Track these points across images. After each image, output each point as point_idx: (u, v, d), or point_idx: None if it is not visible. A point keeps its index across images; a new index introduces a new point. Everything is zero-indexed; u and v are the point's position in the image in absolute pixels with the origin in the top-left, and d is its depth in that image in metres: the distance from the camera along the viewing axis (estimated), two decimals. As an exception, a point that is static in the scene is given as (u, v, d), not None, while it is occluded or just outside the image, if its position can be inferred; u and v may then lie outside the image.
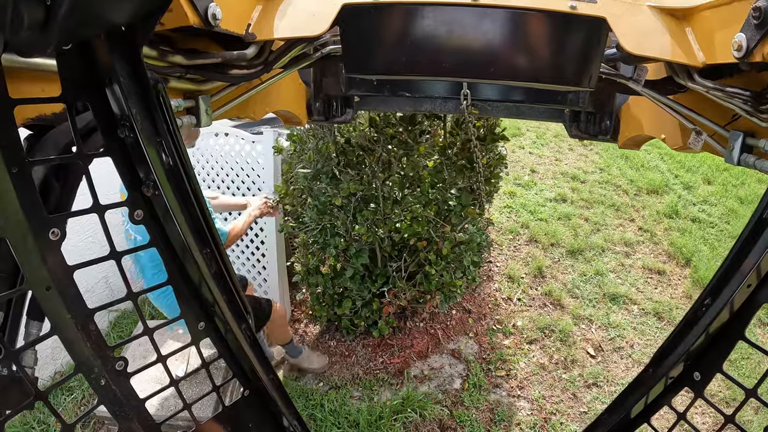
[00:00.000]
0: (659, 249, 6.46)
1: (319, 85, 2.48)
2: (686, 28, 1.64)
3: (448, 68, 2.02)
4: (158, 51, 1.47)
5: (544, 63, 1.95)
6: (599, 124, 2.43)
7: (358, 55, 2.02)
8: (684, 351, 1.50)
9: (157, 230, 1.41)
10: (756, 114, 1.57)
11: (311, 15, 1.71)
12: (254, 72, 1.77)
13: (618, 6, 1.71)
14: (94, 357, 1.32)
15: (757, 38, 1.28)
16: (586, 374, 4.37)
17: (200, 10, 1.36)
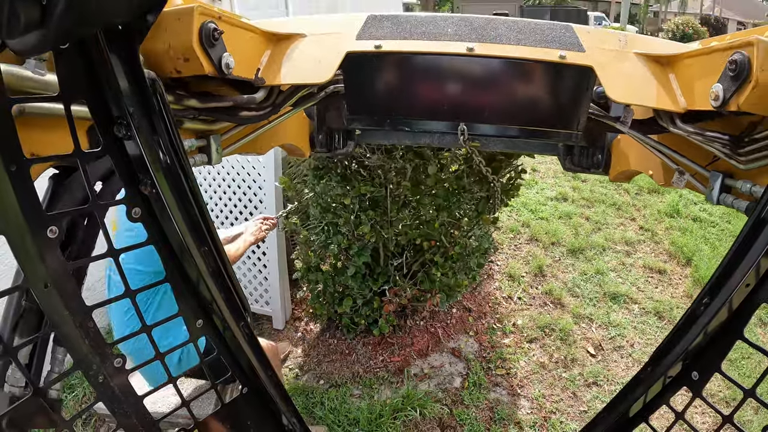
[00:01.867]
0: (660, 248, 6.46)
1: (322, 118, 2.54)
2: (670, 74, 1.72)
3: (445, 112, 2.14)
4: (175, 96, 1.57)
5: (535, 109, 2.07)
6: (592, 158, 2.51)
7: (360, 98, 2.16)
8: (682, 350, 1.49)
9: (154, 228, 1.41)
10: (734, 157, 1.64)
11: (317, 62, 1.79)
12: (263, 114, 1.85)
13: (605, 54, 1.80)
14: (93, 354, 1.32)
15: (732, 89, 1.35)
16: (586, 373, 4.36)
17: (215, 60, 1.46)
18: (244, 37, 1.68)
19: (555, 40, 1.86)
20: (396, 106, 2.16)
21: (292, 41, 1.86)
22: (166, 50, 1.45)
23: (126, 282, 1.43)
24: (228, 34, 1.51)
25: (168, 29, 1.43)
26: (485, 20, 1.98)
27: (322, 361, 4.43)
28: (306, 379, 4.25)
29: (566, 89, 1.97)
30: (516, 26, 1.95)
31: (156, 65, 1.45)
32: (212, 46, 1.45)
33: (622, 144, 2.37)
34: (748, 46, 1.31)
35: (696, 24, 22.91)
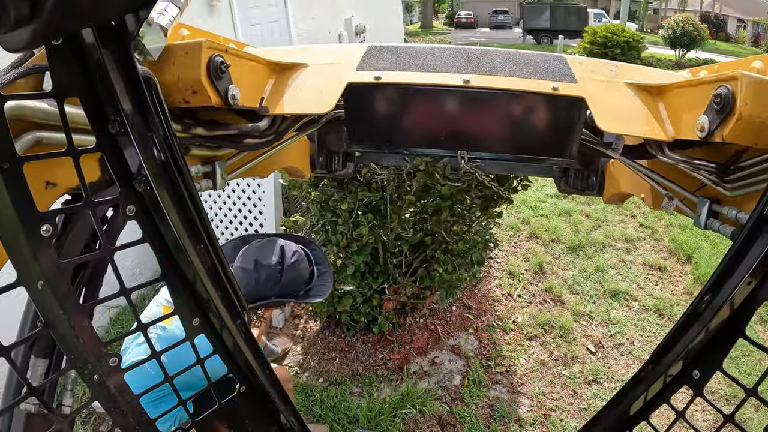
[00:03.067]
0: (660, 245, 6.46)
1: (322, 141, 2.60)
2: (659, 104, 1.77)
3: (443, 141, 2.21)
4: (183, 124, 1.64)
5: (530, 137, 2.12)
6: (586, 181, 2.59)
7: (360, 126, 2.20)
8: (683, 349, 1.49)
9: (149, 226, 1.40)
10: (720, 184, 1.70)
11: (319, 92, 1.84)
12: (267, 141, 1.90)
13: (596, 85, 1.87)
14: (88, 353, 1.31)
15: (717, 122, 1.40)
16: (587, 371, 4.36)
17: (221, 92, 1.52)
18: (248, 67, 1.74)
19: (548, 72, 1.94)
20: (395, 134, 2.22)
21: (294, 71, 1.93)
22: (175, 82, 1.49)
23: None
24: (234, 66, 1.56)
25: (176, 62, 1.48)
26: (481, 52, 2.07)
27: (321, 359, 4.42)
28: (305, 377, 4.24)
29: (559, 119, 2.04)
30: (511, 58, 2.03)
31: (166, 96, 1.46)
32: (219, 79, 1.50)
33: (615, 168, 2.43)
34: (733, 80, 1.36)
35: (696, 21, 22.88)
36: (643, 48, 21.30)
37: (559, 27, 29.76)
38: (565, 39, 27.07)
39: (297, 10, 10.08)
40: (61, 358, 1.39)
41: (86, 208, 1.23)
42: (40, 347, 1.40)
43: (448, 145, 2.27)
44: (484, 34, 40.07)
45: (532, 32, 31.73)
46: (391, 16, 17.70)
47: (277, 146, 2.10)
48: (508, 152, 2.29)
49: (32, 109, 1.16)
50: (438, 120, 2.14)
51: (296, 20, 10.05)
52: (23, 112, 1.16)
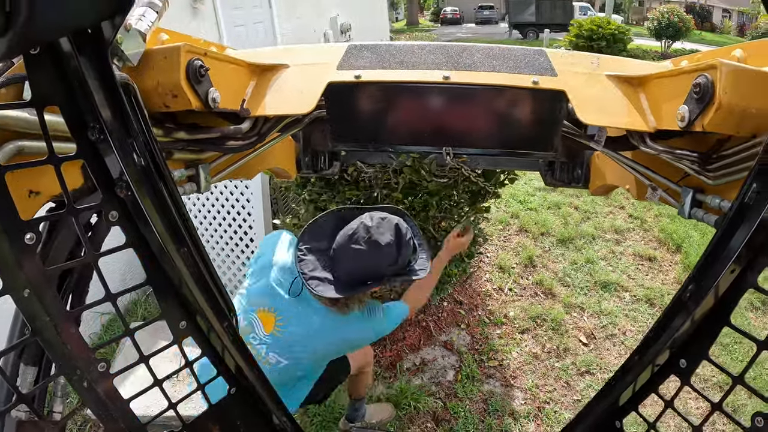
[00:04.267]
0: (650, 236, 6.49)
1: (307, 141, 2.60)
2: (641, 95, 1.79)
3: (426, 137, 2.22)
4: (164, 129, 1.66)
5: (512, 133, 2.15)
6: (572, 173, 2.60)
7: (343, 125, 2.22)
8: (669, 338, 1.50)
9: (132, 231, 1.41)
10: (703, 173, 1.72)
11: (300, 92, 1.85)
12: (249, 142, 1.90)
13: (577, 78, 1.89)
14: (76, 359, 1.31)
15: (697, 111, 1.42)
16: (579, 362, 4.37)
17: (202, 95, 1.54)
18: (228, 70, 1.75)
19: (528, 66, 1.95)
20: (377, 132, 2.23)
21: (275, 72, 1.93)
22: (155, 87, 1.50)
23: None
24: (214, 69, 1.57)
25: (156, 67, 1.49)
26: (461, 48, 2.07)
27: (314, 359, 4.41)
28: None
29: (541, 113, 2.06)
30: (491, 53, 2.04)
31: (146, 101, 1.47)
32: (199, 83, 1.51)
33: (600, 160, 2.44)
34: (712, 69, 1.37)
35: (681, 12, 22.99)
36: (629, 40, 21.39)
37: (545, 21, 29.85)
38: (550, 33, 27.17)
39: (281, 10, 10.06)
40: (51, 365, 1.40)
41: (69, 215, 1.23)
42: (28, 355, 1.40)
43: (432, 142, 2.28)
44: (470, 29, 40.15)
45: (518, 27, 31.79)
46: (376, 13, 17.67)
47: (260, 148, 2.10)
48: (492, 147, 2.30)
49: (13, 118, 1.17)
50: (420, 117, 2.15)
51: (281, 20, 10.03)
52: (5, 121, 1.16)
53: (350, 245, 2.23)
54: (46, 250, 1.37)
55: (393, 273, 2.29)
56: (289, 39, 10.26)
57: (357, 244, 2.22)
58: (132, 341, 1.49)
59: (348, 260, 2.25)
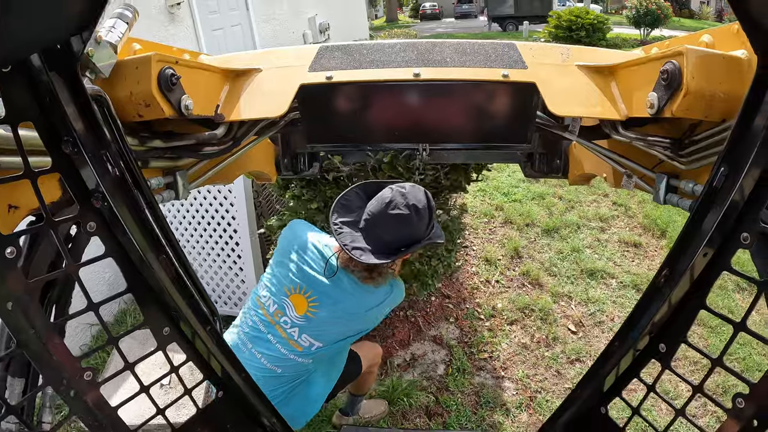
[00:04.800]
0: (634, 222, 6.54)
1: (286, 143, 2.62)
2: (612, 84, 1.81)
3: (402, 135, 2.22)
4: (139, 138, 1.68)
5: (486, 126, 2.16)
6: (550, 164, 2.63)
7: (317, 127, 2.25)
8: (647, 323, 1.52)
9: (111, 241, 1.42)
10: (676, 158, 1.75)
11: (272, 96, 1.88)
12: (225, 147, 1.93)
13: (547, 70, 1.90)
14: (62, 369, 1.32)
15: (666, 97, 1.45)
16: (569, 350, 4.41)
17: (174, 103, 1.56)
18: (201, 77, 1.77)
19: (498, 59, 1.97)
20: (353, 131, 2.24)
21: (248, 76, 1.95)
22: (128, 97, 1.53)
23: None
24: (186, 76, 1.59)
25: (128, 77, 1.51)
26: (431, 44, 2.08)
27: (305, 360, 4.40)
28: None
29: (513, 105, 2.07)
30: (461, 48, 2.05)
31: (120, 111, 1.50)
32: (171, 91, 1.54)
33: (577, 149, 2.47)
34: (679, 55, 1.40)
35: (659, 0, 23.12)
36: (608, 29, 21.48)
37: (524, 13, 29.90)
38: (530, 24, 27.26)
39: (259, 12, 10.04)
40: (38, 376, 1.40)
41: (48, 228, 1.24)
42: (15, 367, 1.41)
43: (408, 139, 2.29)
44: (449, 24, 40.23)
45: (497, 20, 31.83)
46: (354, 11, 17.68)
47: (237, 152, 2.11)
48: (467, 141, 2.31)
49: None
50: (394, 114, 2.16)
51: (259, 22, 10.01)
52: None
53: (388, 212, 2.24)
54: (28, 263, 1.37)
55: (426, 236, 2.32)
56: (267, 41, 10.25)
57: (397, 209, 2.23)
58: (117, 349, 1.50)
59: (388, 226, 2.26)
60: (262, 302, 2.55)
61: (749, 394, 1.27)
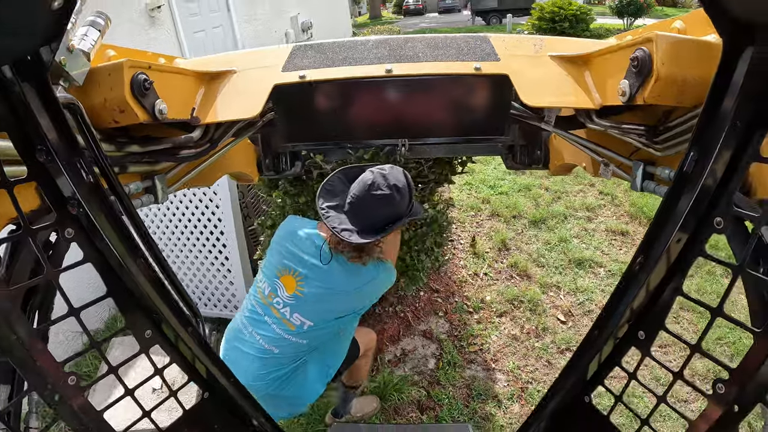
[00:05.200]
0: (621, 211, 6.56)
1: (266, 143, 2.62)
2: (585, 73, 1.82)
3: (379, 132, 2.25)
4: (116, 143, 1.68)
5: (462, 120, 2.18)
6: (531, 155, 2.65)
7: (293, 126, 2.27)
8: (624, 310, 1.53)
9: (89, 247, 1.43)
10: (651, 145, 1.76)
11: (247, 97, 1.89)
12: (202, 150, 1.95)
13: (520, 61, 1.92)
14: (46, 375, 1.33)
15: (637, 85, 1.45)
16: (559, 340, 4.43)
17: (148, 108, 1.57)
18: (176, 80, 1.78)
19: (471, 53, 1.98)
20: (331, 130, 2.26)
21: (223, 78, 1.97)
22: (102, 104, 1.54)
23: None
24: (160, 81, 1.60)
25: (101, 84, 1.52)
26: (403, 40, 2.10)
27: (296, 359, 4.40)
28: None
29: (488, 98, 2.08)
30: (433, 42, 2.07)
31: (94, 118, 1.52)
32: (144, 96, 1.55)
33: (557, 140, 2.48)
34: (648, 42, 1.41)
35: (642, -11, 23.19)
36: (592, 20, 21.49)
37: (507, 6, 29.80)
38: (513, 17, 27.24)
39: (241, 13, 10.01)
40: (23, 382, 1.41)
41: (26, 235, 1.24)
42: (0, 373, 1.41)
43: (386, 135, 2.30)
44: (433, 19, 40.12)
45: (481, 13, 31.74)
46: (337, 9, 17.64)
47: (215, 154, 2.11)
48: (445, 135, 2.32)
49: None
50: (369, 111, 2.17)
51: (241, 23, 9.98)
52: None
53: (371, 192, 2.30)
54: (9, 271, 1.38)
55: (407, 213, 2.41)
56: (249, 41, 10.21)
57: (379, 190, 2.29)
58: (99, 353, 1.50)
59: (372, 207, 2.33)
60: (259, 287, 2.67)
61: (729, 380, 1.28)
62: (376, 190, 2.29)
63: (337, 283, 2.51)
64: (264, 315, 2.60)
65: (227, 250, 4.54)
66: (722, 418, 1.31)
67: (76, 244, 1.41)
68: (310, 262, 2.52)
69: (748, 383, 1.24)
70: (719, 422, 1.32)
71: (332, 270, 2.51)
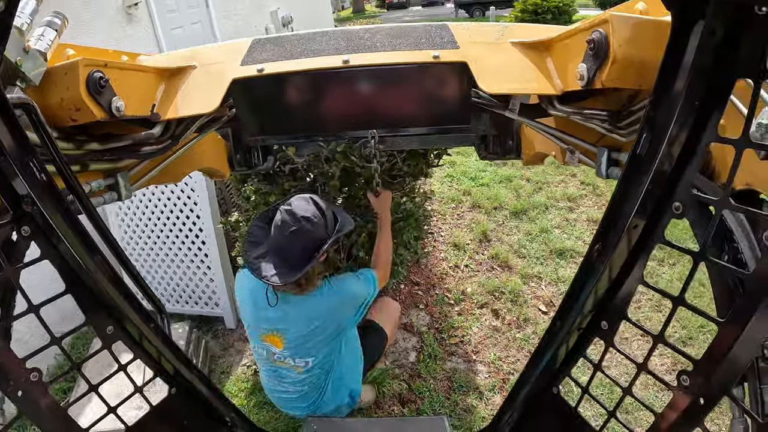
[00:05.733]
0: (602, 200, 6.58)
1: (237, 138, 2.60)
2: (547, 59, 1.81)
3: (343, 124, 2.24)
4: (75, 142, 1.68)
5: (425, 110, 2.17)
6: (504, 145, 2.64)
7: (260, 121, 2.22)
8: (584, 300, 1.53)
9: (45, 244, 1.43)
10: (615, 131, 1.73)
11: (205, 92, 1.89)
12: (164, 146, 1.93)
13: (479, 48, 1.91)
14: (7, 370, 1.35)
15: (595, 68, 1.43)
16: (540, 331, 4.43)
17: (105, 105, 1.57)
18: (135, 77, 1.78)
19: (430, 41, 1.98)
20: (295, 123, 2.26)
21: (183, 74, 1.97)
22: (59, 103, 1.54)
23: None
24: (118, 79, 1.61)
25: (58, 83, 1.52)
26: (363, 31, 2.10)
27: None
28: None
29: (448, 86, 2.07)
30: (392, 32, 2.06)
31: (52, 117, 1.53)
32: (100, 94, 1.54)
33: (528, 129, 2.46)
34: (604, 23, 1.39)
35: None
36: (574, 11, 21.54)
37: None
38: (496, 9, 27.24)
39: (219, 8, 9.94)
40: None
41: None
42: None
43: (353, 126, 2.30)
44: (416, 12, 40.04)
45: (464, 6, 31.70)
46: (318, 3, 17.54)
47: (178, 150, 2.10)
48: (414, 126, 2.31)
49: None
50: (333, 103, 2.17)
51: (219, 19, 9.91)
52: None
53: (285, 233, 2.40)
54: None
55: (332, 233, 2.51)
56: (229, 37, 10.14)
57: (290, 227, 2.38)
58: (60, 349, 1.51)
59: (290, 244, 2.42)
60: (258, 352, 2.95)
61: (693, 372, 1.27)
62: (287, 230, 2.40)
63: (305, 319, 2.67)
64: (278, 369, 2.90)
65: (206, 247, 4.52)
66: (688, 411, 1.29)
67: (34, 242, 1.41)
68: (274, 314, 2.69)
69: (713, 375, 1.22)
70: (685, 415, 1.30)
71: (294, 309, 2.68)
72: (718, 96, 1.11)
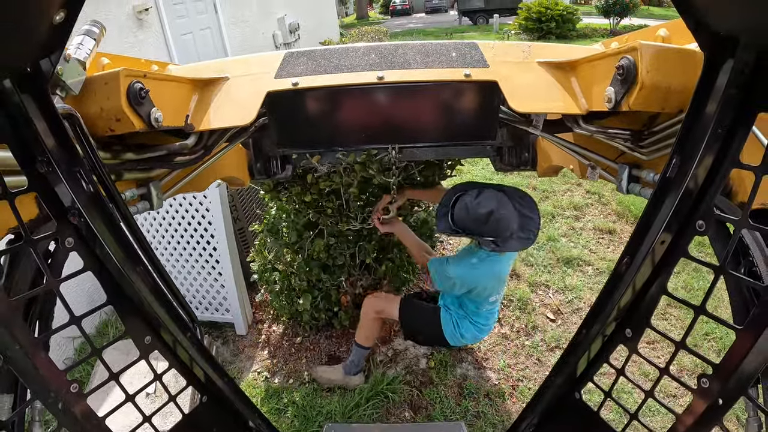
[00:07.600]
0: (608, 209, 6.63)
1: (258, 147, 2.62)
2: (572, 79, 1.86)
3: (368, 138, 2.27)
4: (112, 152, 1.71)
5: (452, 125, 2.21)
6: (519, 157, 2.68)
7: (286, 132, 2.29)
8: (612, 310, 1.57)
9: (89, 255, 1.44)
10: (637, 149, 1.81)
11: (240, 105, 1.91)
12: (196, 156, 1.96)
13: (508, 67, 1.96)
14: (48, 383, 1.36)
15: (622, 92, 1.50)
16: (548, 338, 4.48)
17: (144, 116, 1.57)
18: (170, 88, 1.79)
19: (461, 59, 2.01)
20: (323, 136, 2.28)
21: (216, 85, 1.98)
22: (99, 113, 1.55)
23: None
24: (155, 89, 1.61)
25: (98, 93, 1.53)
26: (394, 47, 2.12)
27: (288, 360, 4.44)
28: (277, 380, 4.25)
29: (477, 103, 2.11)
30: (423, 49, 2.10)
31: (91, 126, 1.54)
32: (140, 104, 1.55)
33: (544, 142, 2.50)
34: (633, 51, 1.45)
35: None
36: (578, 20, 21.65)
37: (494, 6, 29.84)
38: (500, 17, 27.31)
39: (228, 15, 10.00)
40: (26, 391, 1.43)
41: (27, 246, 1.26)
42: (3, 383, 1.43)
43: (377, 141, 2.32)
44: (420, 19, 40.14)
45: (467, 13, 31.74)
46: (324, 10, 17.63)
47: (208, 160, 2.13)
48: (436, 140, 2.35)
49: None
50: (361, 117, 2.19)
51: (228, 25, 9.97)
52: None
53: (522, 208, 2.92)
54: (9, 282, 1.39)
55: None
56: (237, 42, 10.21)
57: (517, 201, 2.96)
58: (100, 360, 1.52)
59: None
60: (493, 309, 3.51)
61: (713, 375, 1.34)
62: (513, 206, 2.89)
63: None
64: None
65: (218, 254, 4.54)
66: (707, 411, 1.37)
67: (77, 253, 1.43)
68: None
69: (731, 377, 1.29)
70: (704, 415, 1.38)
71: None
72: (742, 126, 1.20)
